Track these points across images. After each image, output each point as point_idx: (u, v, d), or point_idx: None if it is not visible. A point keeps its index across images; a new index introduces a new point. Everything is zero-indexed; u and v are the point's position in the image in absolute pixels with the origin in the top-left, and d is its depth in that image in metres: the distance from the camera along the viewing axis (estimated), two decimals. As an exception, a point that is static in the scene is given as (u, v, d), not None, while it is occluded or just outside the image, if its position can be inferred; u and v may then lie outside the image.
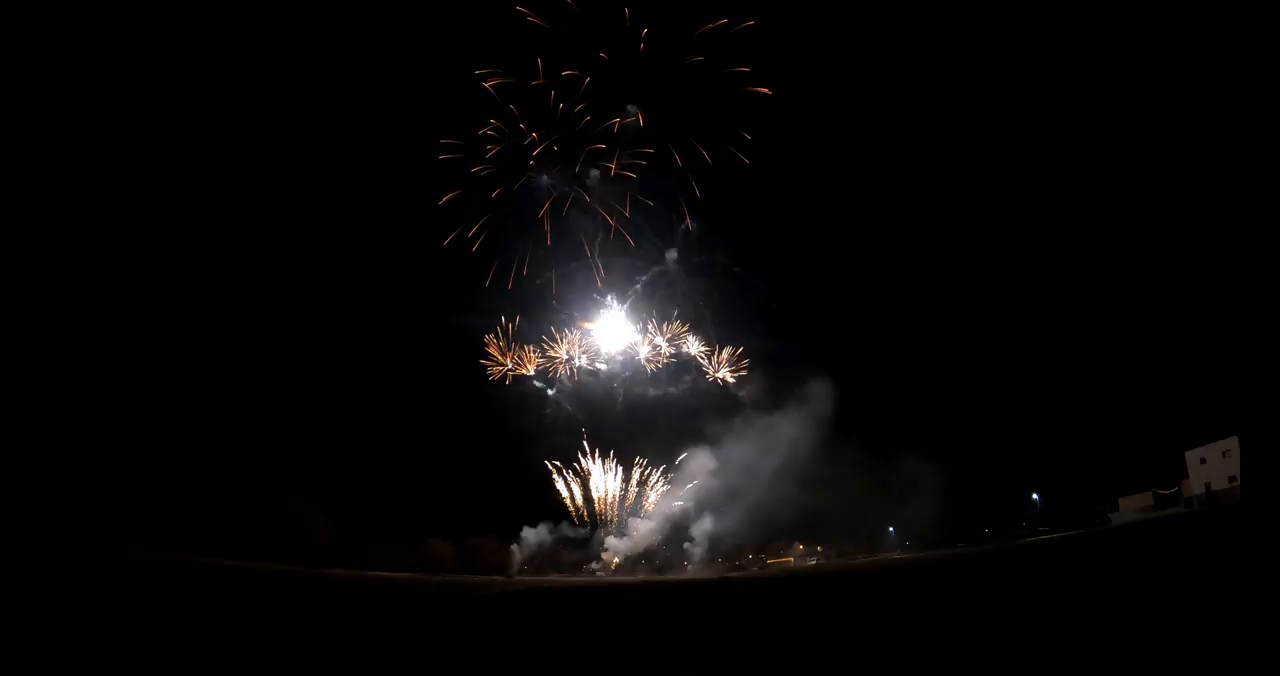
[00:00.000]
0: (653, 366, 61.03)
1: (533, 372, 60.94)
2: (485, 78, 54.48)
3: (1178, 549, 30.86)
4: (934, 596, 30.72)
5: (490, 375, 61.14)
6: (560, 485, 61.85)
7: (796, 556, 63.66)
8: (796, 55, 53.06)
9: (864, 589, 37.94)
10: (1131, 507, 48.95)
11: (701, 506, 60.86)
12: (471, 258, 57.49)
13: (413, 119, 54.75)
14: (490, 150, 56.16)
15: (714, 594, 43.25)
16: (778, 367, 60.04)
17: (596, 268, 58.69)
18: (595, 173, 56.60)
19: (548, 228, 57.54)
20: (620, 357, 61.06)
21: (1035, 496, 53.91)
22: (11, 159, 39.55)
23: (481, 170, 56.52)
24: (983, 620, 21.68)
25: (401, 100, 53.66)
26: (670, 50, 53.59)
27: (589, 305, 60.92)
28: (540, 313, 60.80)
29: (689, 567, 61.24)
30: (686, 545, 61.70)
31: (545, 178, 56.94)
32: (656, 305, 60.66)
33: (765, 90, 54.07)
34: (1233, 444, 42.00)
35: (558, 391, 61.03)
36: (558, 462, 61.66)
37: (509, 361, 60.60)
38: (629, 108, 55.11)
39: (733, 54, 53.72)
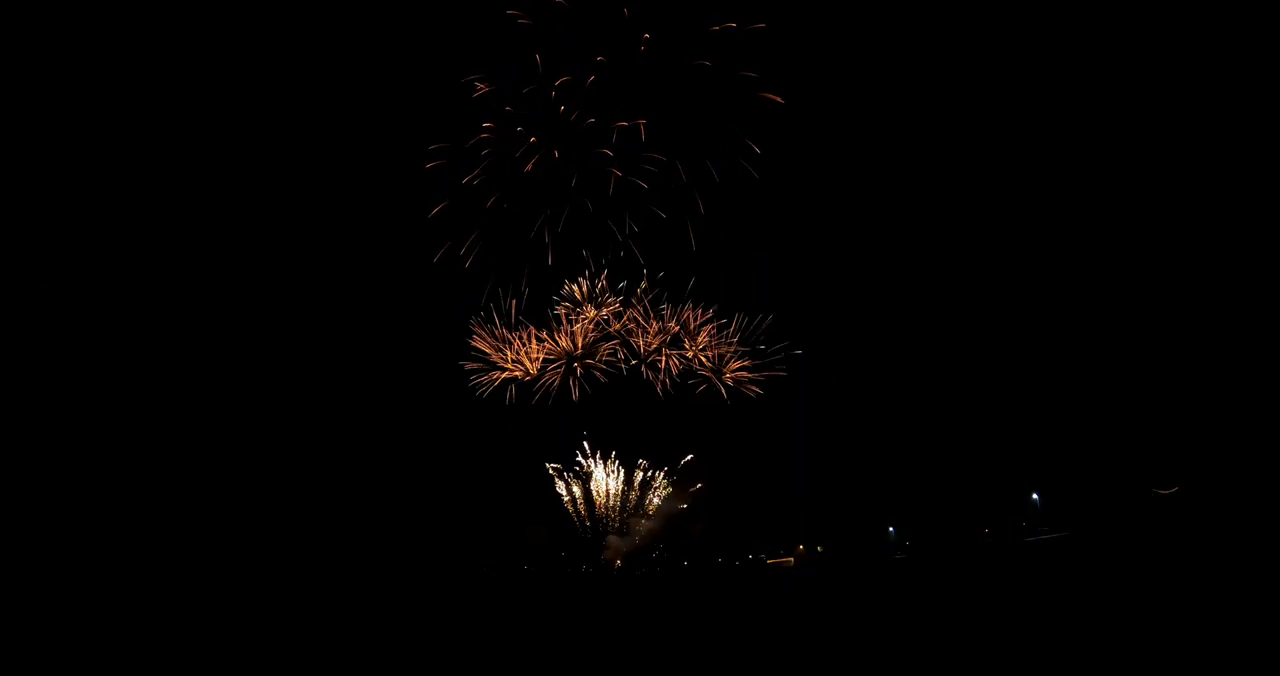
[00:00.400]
0: (662, 380, 57.24)
1: (533, 374, 57.05)
2: (476, 82, 50.22)
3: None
4: (933, 596, 30.72)
5: (478, 385, 56.20)
6: (561, 487, 61.21)
7: (797, 556, 63.54)
8: (812, 61, 49.54)
9: (863, 588, 37.89)
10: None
11: (703, 506, 60.69)
12: (465, 272, 53.64)
13: (398, 125, 50.99)
14: (484, 154, 51.63)
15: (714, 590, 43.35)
16: (779, 368, 59.36)
17: (603, 282, 55.39)
18: (598, 175, 52.06)
19: (548, 239, 53.38)
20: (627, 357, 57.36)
21: (1035, 496, 53.87)
22: (15, 162, 39.69)
23: (474, 178, 51.94)
24: (982, 618, 21.71)
25: (386, 106, 50.77)
26: (674, 52, 49.76)
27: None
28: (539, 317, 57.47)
29: (688, 566, 61.16)
30: (688, 544, 61.65)
31: (544, 175, 52.23)
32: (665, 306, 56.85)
33: (777, 98, 49.64)
34: None
35: (556, 394, 57.38)
36: (558, 465, 60.95)
37: (508, 360, 56.97)
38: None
39: (743, 58, 49.43)
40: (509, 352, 57.04)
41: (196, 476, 48.77)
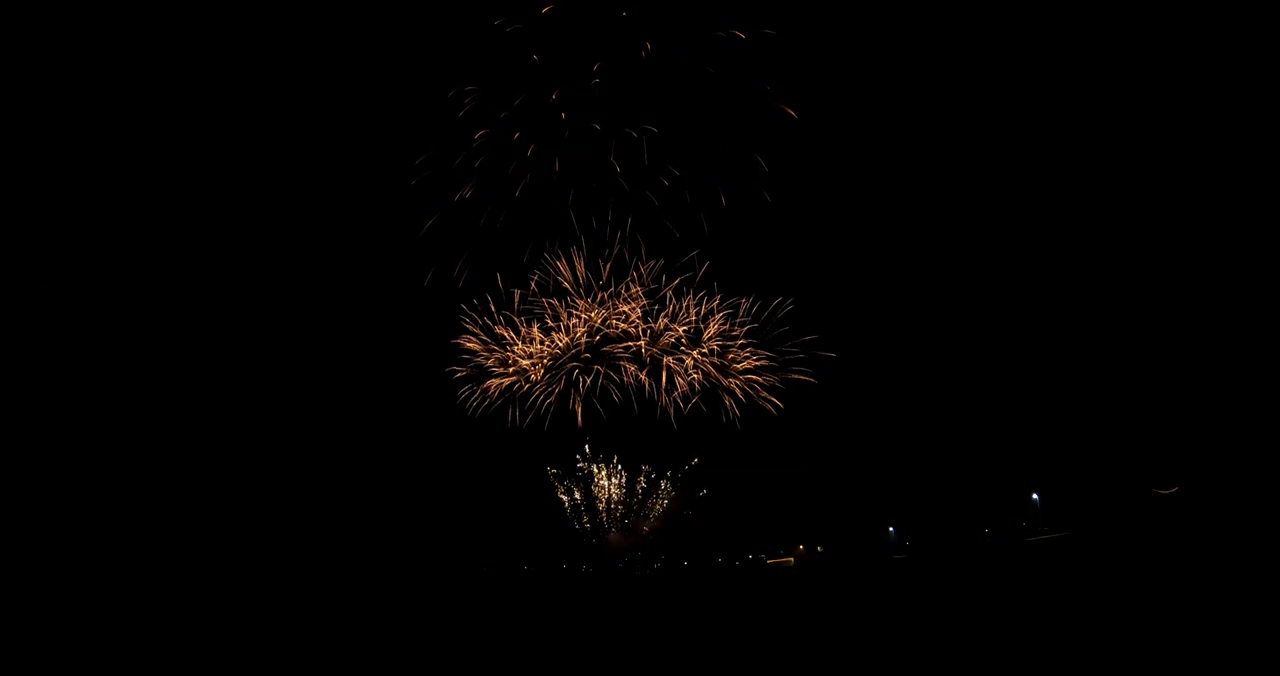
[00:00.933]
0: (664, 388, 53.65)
1: (537, 379, 53.31)
2: (466, 88, 46.49)
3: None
4: (933, 596, 30.70)
5: (466, 398, 53.14)
6: (561, 493, 60.65)
7: (797, 556, 63.68)
8: (828, 71, 45.90)
9: (863, 588, 37.91)
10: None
11: (705, 507, 60.73)
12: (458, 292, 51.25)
13: (385, 138, 47.94)
14: (477, 166, 48.06)
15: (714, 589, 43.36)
16: (780, 369, 58.66)
17: (605, 275, 52.74)
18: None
19: (547, 256, 51.29)
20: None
21: (1035, 496, 53.95)
22: (11, 162, 39.60)
23: (466, 193, 48.47)
24: (982, 618, 21.70)
25: (372, 117, 47.76)
26: (676, 61, 45.57)
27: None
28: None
29: (688, 566, 61.32)
30: (689, 544, 61.81)
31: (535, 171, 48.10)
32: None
33: (790, 111, 45.22)
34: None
35: (556, 404, 54.09)
36: (557, 469, 60.39)
37: (508, 363, 54.01)
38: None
39: (752, 67, 45.31)
40: (510, 355, 54.33)
41: (193, 485, 48.58)
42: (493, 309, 53.50)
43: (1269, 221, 42.57)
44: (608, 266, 52.75)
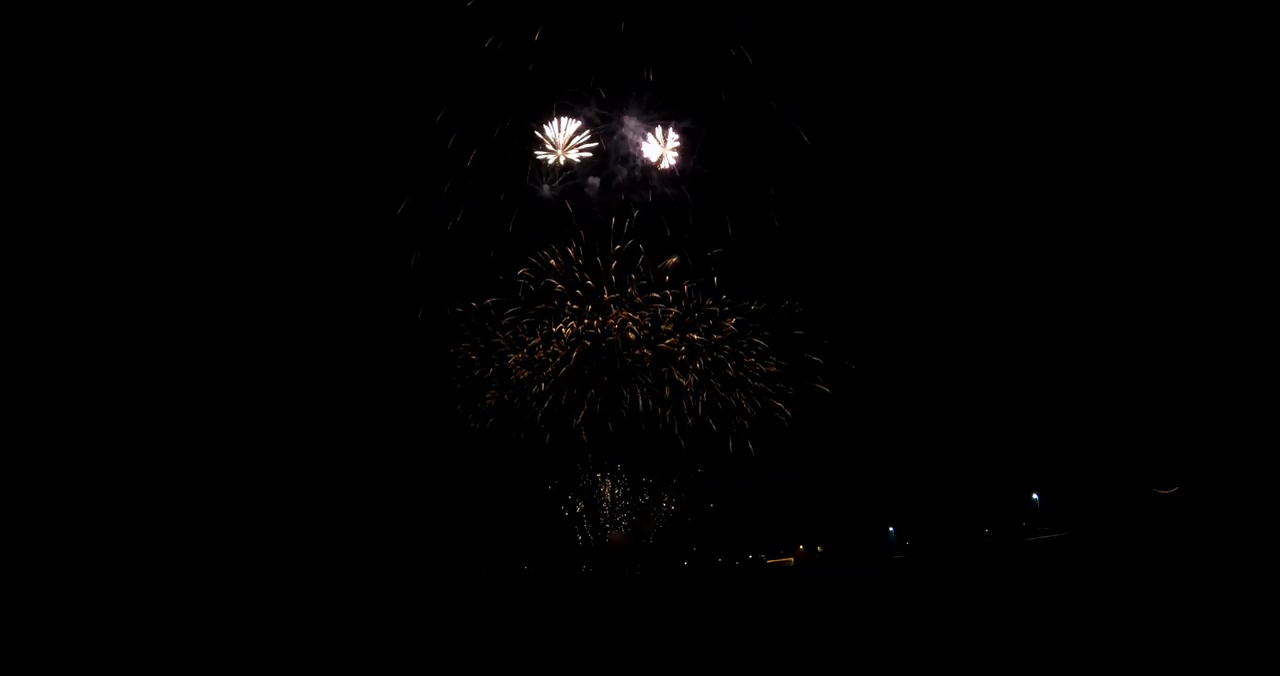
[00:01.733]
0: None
1: (535, 392, 51.12)
2: (457, 105, 42.55)
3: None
4: (933, 596, 30.74)
5: (465, 411, 51.43)
6: (561, 506, 60.28)
7: (797, 556, 63.72)
8: (839, 85, 43.03)
9: (863, 588, 37.92)
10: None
11: (705, 507, 60.71)
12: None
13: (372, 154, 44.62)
14: (470, 185, 44.83)
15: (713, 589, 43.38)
16: (790, 376, 57.47)
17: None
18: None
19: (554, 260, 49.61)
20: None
21: (1035, 496, 53.99)
22: (9, 159, 39.49)
23: (457, 218, 45.50)
24: (982, 618, 21.72)
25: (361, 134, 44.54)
26: (680, 80, 41.96)
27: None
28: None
29: (688, 566, 61.34)
30: (689, 545, 61.85)
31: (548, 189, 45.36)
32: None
33: (802, 132, 42.10)
34: None
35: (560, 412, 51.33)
36: (558, 480, 60.05)
37: (508, 374, 51.54)
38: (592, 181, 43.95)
39: (758, 83, 42.12)
40: (511, 363, 52.26)
41: (197, 490, 48.41)
42: (492, 312, 51.33)
43: (1269, 221, 42.60)
44: (611, 266, 50.57)
